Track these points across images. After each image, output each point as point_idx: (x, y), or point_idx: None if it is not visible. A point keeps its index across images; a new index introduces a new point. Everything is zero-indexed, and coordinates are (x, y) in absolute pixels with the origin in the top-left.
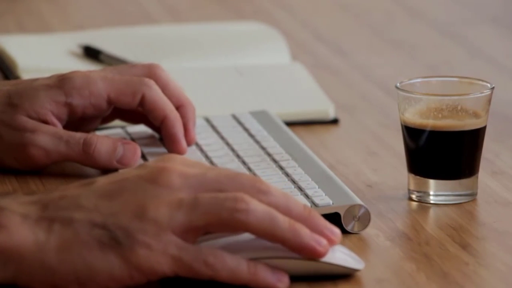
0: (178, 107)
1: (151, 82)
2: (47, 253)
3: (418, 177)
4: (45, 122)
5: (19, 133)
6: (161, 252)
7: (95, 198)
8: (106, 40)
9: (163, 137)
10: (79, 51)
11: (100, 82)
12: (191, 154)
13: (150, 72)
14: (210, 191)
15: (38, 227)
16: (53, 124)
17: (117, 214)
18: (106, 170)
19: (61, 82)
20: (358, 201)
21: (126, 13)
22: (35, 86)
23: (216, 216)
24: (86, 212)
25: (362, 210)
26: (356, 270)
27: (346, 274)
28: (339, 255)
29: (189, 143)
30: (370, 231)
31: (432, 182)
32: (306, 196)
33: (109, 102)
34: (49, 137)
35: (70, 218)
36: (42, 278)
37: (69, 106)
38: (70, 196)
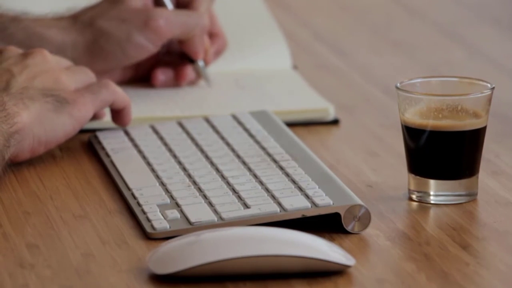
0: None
1: None
2: (33, 123)
3: (418, 177)
4: None
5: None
6: (85, 101)
7: (23, 82)
8: None
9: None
10: None
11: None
12: (191, 154)
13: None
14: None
15: (21, 105)
16: None
17: (46, 88)
18: None
19: None
20: (358, 201)
21: None
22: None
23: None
24: (31, 90)
25: (362, 210)
26: (348, 267)
27: (343, 272)
28: (333, 254)
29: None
30: (370, 231)
31: (432, 182)
32: (307, 196)
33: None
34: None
35: (31, 96)
36: (29, 145)
37: None
38: (8, 82)
